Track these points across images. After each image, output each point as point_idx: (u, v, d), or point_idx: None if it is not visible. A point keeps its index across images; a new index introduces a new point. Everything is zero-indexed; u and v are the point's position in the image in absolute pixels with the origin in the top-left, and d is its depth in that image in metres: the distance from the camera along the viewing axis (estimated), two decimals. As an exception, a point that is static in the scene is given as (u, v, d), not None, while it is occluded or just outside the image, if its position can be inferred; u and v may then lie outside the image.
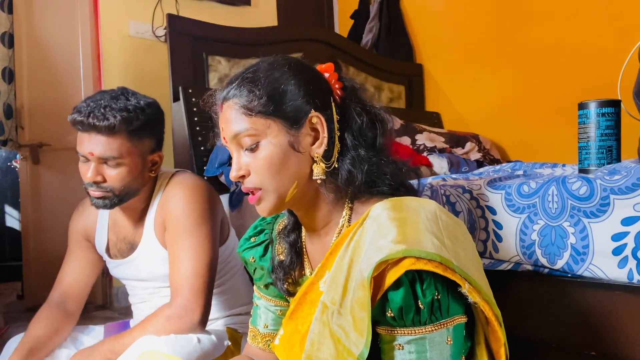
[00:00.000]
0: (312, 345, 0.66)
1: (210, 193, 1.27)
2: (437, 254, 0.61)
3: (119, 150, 1.13)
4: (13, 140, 2.94)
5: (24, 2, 2.95)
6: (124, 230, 1.31)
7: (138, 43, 2.98)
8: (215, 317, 1.33)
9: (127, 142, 1.14)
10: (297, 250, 0.86)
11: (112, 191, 1.16)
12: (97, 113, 1.10)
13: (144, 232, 1.27)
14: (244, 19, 3.28)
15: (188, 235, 1.18)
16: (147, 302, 1.32)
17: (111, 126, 1.10)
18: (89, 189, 1.16)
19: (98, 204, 1.17)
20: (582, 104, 1.09)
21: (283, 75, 0.76)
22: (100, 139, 1.11)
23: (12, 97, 2.93)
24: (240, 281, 1.43)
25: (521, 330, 0.96)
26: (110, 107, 1.11)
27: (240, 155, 0.77)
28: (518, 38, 2.65)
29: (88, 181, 1.15)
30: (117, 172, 1.15)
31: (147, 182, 1.24)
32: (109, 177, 1.15)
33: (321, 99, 0.76)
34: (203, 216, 1.21)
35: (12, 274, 3.76)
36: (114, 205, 1.19)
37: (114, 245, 1.32)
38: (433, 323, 0.62)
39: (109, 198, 1.17)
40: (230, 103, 0.76)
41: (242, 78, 0.76)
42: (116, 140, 1.12)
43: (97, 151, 1.12)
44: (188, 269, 1.16)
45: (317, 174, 0.75)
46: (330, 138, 0.76)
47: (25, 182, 3.02)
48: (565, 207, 0.89)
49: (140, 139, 1.17)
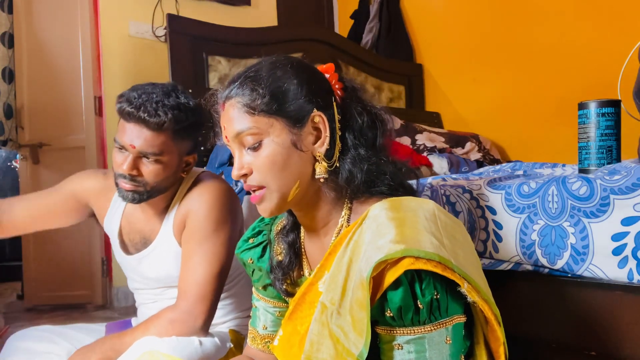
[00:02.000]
0: (312, 345, 0.66)
1: (233, 198, 1.25)
2: (436, 253, 0.60)
3: (161, 148, 1.11)
4: (13, 140, 2.94)
5: (24, 2, 2.96)
6: (140, 223, 1.29)
7: (138, 43, 2.98)
8: (220, 321, 1.32)
9: (170, 141, 1.12)
10: (295, 251, 0.86)
11: (144, 186, 1.14)
12: (149, 107, 1.08)
13: (162, 229, 1.25)
14: (244, 19, 3.28)
15: (206, 240, 1.17)
16: (152, 303, 1.31)
17: (161, 123, 1.08)
18: (120, 180, 1.13)
19: (126, 197, 1.15)
20: (582, 104, 1.09)
21: (285, 75, 0.76)
22: (145, 133, 1.09)
23: (12, 97, 2.94)
24: (247, 284, 1.41)
25: (521, 330, 0.96)
26: (162, 103, 1.09)
27: (243, 154, 0.76)
28: (518, 38, 2.65)
29: (122, 172, 1.12)
30: (153, 168, 1.12)
31: (177, 181, 1.23)
32: (145, 172, 1.12)
33: (323, 98, 0.77)
34: (223, 222, 1.19)
35: (12, 274, 3.76)
36: (142, 200, 1.17)
37: (127, 234, 1.30)
38: (432, 322, 0.62)
39: (139, 192, 1.14)
40: (232, 102, 0.76)
41: (244, 77, 0.76)
42: (160, 137, 1.10)
43: (139, 145, 1.09)
44: (199, 274, 1.14)
45: (320, 172, 0.75)
46: (331, 137, 0.76)
47: (25, 182, 3.02)
48: (565, 207, 0.89)
49: (182, 139, 1.15)
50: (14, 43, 2.94)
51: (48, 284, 2.94)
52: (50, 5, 2.98)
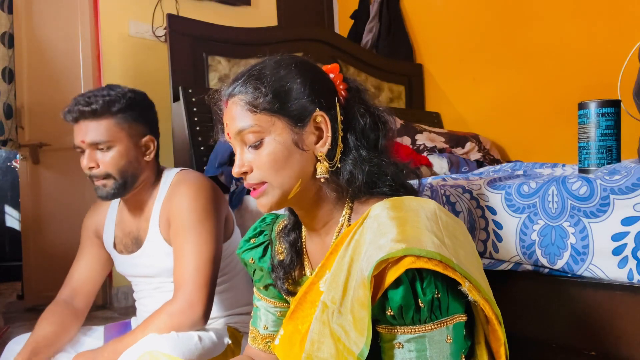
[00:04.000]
0: (312, 344, 0.66)
1: (214, 190, 1.29)
2: (437, 252, 0.61)
3: (106, 134, 1.18)
4: (13, 140, 2.94)
5: (24, 2, 2.95)
6: (129, 225, 1.33)
7: (138, 43, 2.98)
8: (216, 316, 1.33)
9: (114, 126, 1.19)
10: (297, 250, 0.86)
11: (111, 176, 1.20)
12: (81, 101, 1.17)
13: (149, 228, 1.28)
14: (244, 19, 3.28)
15: (191, 231, 1.20)
16: (150, 298, 1.33)
17: (95, 109, 1.16)
18: (93, 181, 1.21)
19: (102, 194, 1.21)
20: (582, 104, 1.09)
21: (289, 74, 0.76)
22: (87, 125, 1.17)
23: (12, 97, 2.94)
24: (242, 281, 1.43)
25: (521, 330, 0.96)
26: (93, 94, 1.19)
27: (244, 152, 0.77)
28: (518, 38, 2.65)
29: (85, 171, 1.20)
30: (109, 156, 1.19)
31: (145, 168, 1.26)
32: (103, 162, 1.19)
33: (326, 98, 0.77)
34: (207, 212, 1.23)
35: (12, 274, 3.76)
36: (120, 192, 1.22)
37: (120, 241, 1.34)
38: (433, 321, 0.63)
39: (110, 186, 1.20)
40: (235, 99, 0.76)
41: (248, 75, 0.77)
42: (102, 124, 1.18)
43: (87, 138, 1.18)
44: (191, 265, 1.17)
45: (321, 172, 0.76)
46: (333, 138, 0.76)
47: (25, 182, 3.02)
48: (565, 207, 0.89)
49: (128, 122, 1.21)
50: (14, 43, 2.94)
51: (48, 284, 2.93)
52: (50, 5, 2.98)
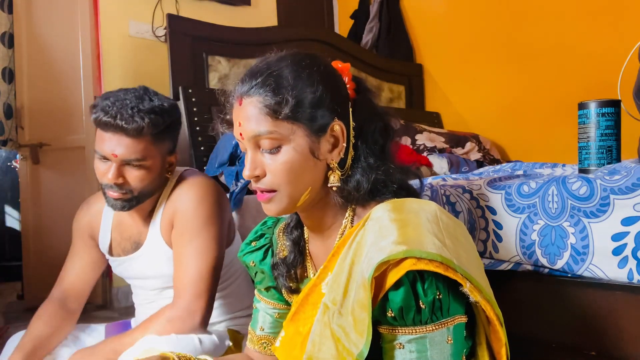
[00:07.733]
0: (313, 345, 0.66)
1: (219, 194, 1.26)
2: (438, 254, 0.61)
3: (143, 153, 1.11)
4: (13, 140, 2.94)
5: (24, 2, 2.95)
6: (129, 230, 1.30)
7: (138, 43, 2.98)
8: (217, 321, 1.32)
9: (151, 145, 1.12)
10: (300, 249, 0.86)
11: (131, 192, 1.14)
12: (125, 114, 1.07)
13: (150, 230, 1.26)
14: (244, 19, 3.28)
15: (195, 237, 1.17)
16: (150, 303, 1.32)
17: (139, 128, 1.08)
18: (107, 190, 1.13)
19: (116, 206, 1.15)
20: (582, 104, 1.09)
21: (310, 78, 0.73)
22: (125, 140, 1.09)
23: (12, 97, 2.94)
24: (243, 284, 1.42)
25: (521, 330, 0.96)
26: (137, 108, 1.08)
27: (257, 154, 0.74)
28: (518, 38, 2.65)
29: (108, 182, 1.11)
30: (138, 173, 1.12)
31: (163, 183, 1.23)
32: (130, 178, 1.12)
33: (342, 106, 0.75)
34: (211, 217, 1.20)
35: (12, 274, 3.76)
36: (132, 207, 1.17)
37: (118, 244, 1.32)
38: (434, 322, 0.63)
39: (127, 200, 1.14)
40: (252, 100, 0.72)
41: (267, 75, 0.72)
42: (141, 143, 1.10)
43: (121, 152, 1.09)
44: (193, 271, 1.15)
45: (333, 181, 0.75)
46: (346, 146, 0.76)
47: (25, 182, 3.02)
48: (565, 207, 0.89)
49: (162, 141, 1.16)
50: (14, 43, 2.94)
51: (48, 284, 2.92)
52: (50, 5, 2.97)
